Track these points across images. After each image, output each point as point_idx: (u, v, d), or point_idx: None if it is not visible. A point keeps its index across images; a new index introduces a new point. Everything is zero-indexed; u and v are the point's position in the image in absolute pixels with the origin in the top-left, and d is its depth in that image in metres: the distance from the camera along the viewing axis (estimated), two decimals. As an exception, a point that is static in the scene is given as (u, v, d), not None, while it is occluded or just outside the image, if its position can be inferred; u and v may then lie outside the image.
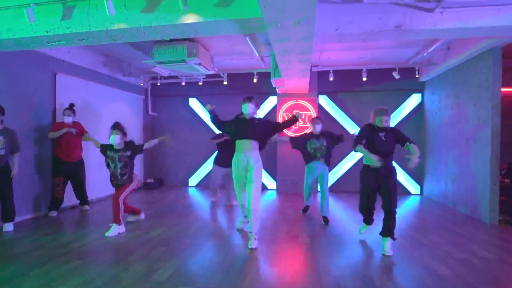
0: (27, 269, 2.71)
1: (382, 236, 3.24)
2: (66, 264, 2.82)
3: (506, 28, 3.34)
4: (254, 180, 3.35)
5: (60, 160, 4.70)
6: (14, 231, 3.81)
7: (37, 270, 2.68)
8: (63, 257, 3.00)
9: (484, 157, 4.48)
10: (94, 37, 3.43)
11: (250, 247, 3.27)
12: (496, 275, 2.70)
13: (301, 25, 2.87)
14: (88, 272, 2.65)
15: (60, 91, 4.95)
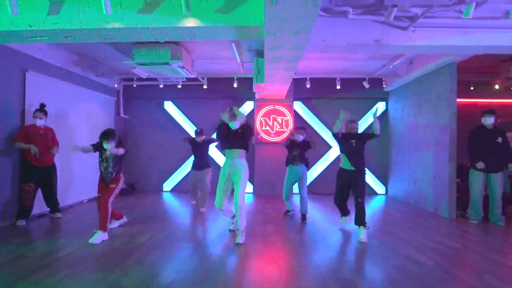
0: (12, 281, 2.50)
1: (357, 224, 3.76)
2: (55, 273, 2.65)
3: (466, 48, 3.89)
4: (241, 181, 3.60)
5: (30, 165, 4.34)
6: (-20, 243, 3.44)
7: (24, 282, 2.49)
8: (50, 266, 2.81)
9: (443, 159, 5.08)
10: (82, 35, 3.28)
11: (237, 241, 3.48)
12: (465, 261, 3.11)
13: (298, 35, 3.07)
14: (83, 280, 2.52)
15: (30, 91, 4.58)
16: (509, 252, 3.42)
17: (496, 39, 3.78)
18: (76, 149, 3.66)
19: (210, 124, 7.32)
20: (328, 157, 7.27)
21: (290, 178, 4.80)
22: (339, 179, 4.06)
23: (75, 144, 3.76)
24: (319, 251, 3.38)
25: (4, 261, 2.91)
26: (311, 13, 2.57)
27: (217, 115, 7.36)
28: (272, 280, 2.60)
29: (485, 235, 4.01)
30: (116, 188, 3.74)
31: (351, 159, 3.88)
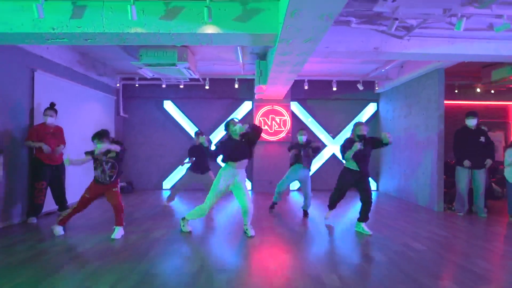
0: (43, 274, 2.64)
1: (360, 221, 4.00)
2: (87, 265, 2.81)
3: (453, 56, 4.29)
4: (245, 187, 3.78)
5: (42, 163, 4.41)
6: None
7: (58, 274, 2.64)
8: (78, 259, 2.97)
9: (431, 157, 5.51)
10: (103, 38, 3.43)
11: (250, 235, 3.73)
12: (455, 247, 3.49)
13: (308, 43, 3.34)
14: (116, 270, 2.70)
15: (38, 90, 4.64)
16: (492, 239, 3.84)
17: (480, 49, 4.20)
18: (71, 163, 3.59)
19: (209, 124, 7.53)
20: (322, 156, 7.60)
21: (292, 177, 4.98)
22: (343, 178, 4.12)
23: (70, 157, 3.60)
24: (325, 241, 3.68)
25: (28, 256, 3.02)
26: (324, 25, 2.85)
27: (217, 115, 7.60)
28: (288, 266, 2.86)
29: (470, 225, 4.44)
30: (119, 189, 3.79)
31: (357, 161, 3.95)
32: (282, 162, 7.30)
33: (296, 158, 4.90)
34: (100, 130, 3.70)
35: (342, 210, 5.26)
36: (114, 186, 3.75)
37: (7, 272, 2.63)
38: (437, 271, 2.79)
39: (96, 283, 2.45)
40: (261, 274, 2.68)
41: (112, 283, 2.45)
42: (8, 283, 2.43)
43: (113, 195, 3.71)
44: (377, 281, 2.59)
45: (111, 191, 3.71)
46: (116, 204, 3.68)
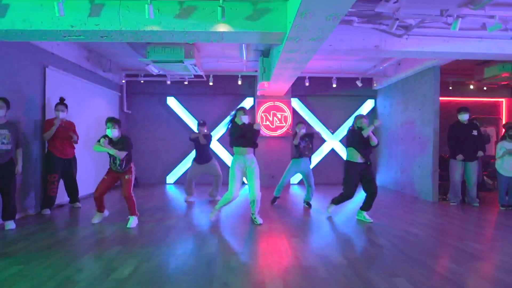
0: (71, 257, 2.82)
1: (363, 210, 4.19)
2: (109, 249, 3.00)
3: (448, 54, 4.54)
4: (255, 177, 3.98)
5: (55, 156, 4.56)
6: (18, 228, 3.68)
7: (84, 257, 2.82)
8: (100, 245, 3.16)
9: (427, 151, 5.78)
10: (119, 36, 3.59)
11: (259, 223, 3.95)
12: (450, 232, 3.75)
13: (314, 42, 3.55)
14: (139, 252, 2.89)
15: (49, 86, 4.78)
16: (483, 225, 4.12)
17: (473, 47, 4.45)
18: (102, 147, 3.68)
19: (211, 119, 7.69)
20: (322, 151, 7.85)
21: (293, 171, 5.12)
22: (352, 173, 4.09)
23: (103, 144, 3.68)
24: (329, 228, 3.91)
25: (52, 243, 3.19)
26: (331, 25, 3.05)
27: (219, 111, 7.77)
28: (297, 248, 3.09)
29: (464, 213, 4.72)
30: (132, 179, 3.92)
31: (361, 151, 4.04)
32: (284, 157, 7.52)
33: (296, 150, 5.08)
34: (109, 117, 3.86)
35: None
36: (127, 172, 3.90)
37: (35, 256, 2.80)
38: (435, 252, 3.04)
39: (122, 264, 2.64)
40: (273, 255, 2.90)
41: (137, 264, 2.64)
42: (40, 264, 2.61)
43: (125, 183, 3.87)
44: (381, 261, 2.82)
45: (124, 178, 3.89)
46: (127, 195, 3.83)
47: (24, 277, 2.37)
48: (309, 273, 2.48)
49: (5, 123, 3.63)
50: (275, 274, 2.47)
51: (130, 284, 2.26)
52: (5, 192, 3.63)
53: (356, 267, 2.62)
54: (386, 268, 2.61)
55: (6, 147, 3.59)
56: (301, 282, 2.32)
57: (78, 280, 2.33)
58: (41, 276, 2.37)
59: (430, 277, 2.44)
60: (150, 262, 2.68)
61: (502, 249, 3.18)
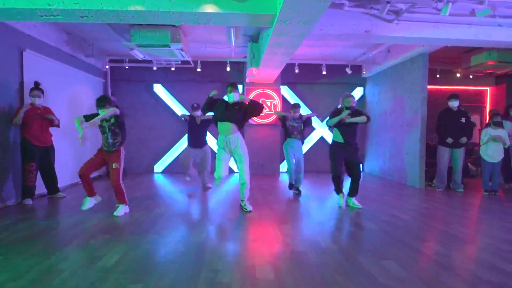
0: (54, 247, 2.73)
1: (350, 196, 4.20)
2: (95, 238, 2.90)
3: (437, 40, 4.53)
4: (243, 161, 3.88)
5: (31, 144, 4.34)
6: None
7: (68, 247, 2.73)
8: (85, 234, 3.06)
9: (415, 138, 5.85)
10: (99, 16, 3.40)
11: (248, 210, 3.87)
12: (435, 216, 3.82)
13: (305, 25, 3.45)
14: (126, 241, 2.81)
15: (27, 69, 4.52)
16: (468, 209, 4.23)
17: (461, 34, 4.46)
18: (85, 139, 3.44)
19: (200, 107, 7.54)
20: (311, 138, 7.85)
21: (289, 153, 4.98)
22: (335, 152, 4.11)
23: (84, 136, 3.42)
24: (319, 214, 3.93)
25: (34, 232, 3.07)
26: (322, 6, 2.96)
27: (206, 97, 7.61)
28: (288, 234, 3.08)
29: (449, 198, 4.83)
30: (120, 168, 3.72)
31: (343, 133, 4.06)
32: (273, 145, 7.50)
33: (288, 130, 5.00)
34: (100, 96, 3.72)
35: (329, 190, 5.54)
36: (115, 159, 3.67)
37: (16, 246, 2.69)
38: (422, 235, 3.09)
39: (108, 252, 2.56)
40: (263, 242, 2.88)
41: (123, 252, 2.57)
42: (21, 254, 2.50)
43: (113, 173, 3.69)
44: (370, 244, 2.85)
45: (112, 167, 3.68)
46: (116, 185, 3.68)
47: (4, 268, 2.26)
48: (299, 258, 2.47)
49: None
50: (266, 260, 2.45)
51: (117, 272, 2.19)
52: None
53: (345, 251, 2.63)
54: (375, 251, 2.63)
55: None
56: (292, 267, 2.31)
57: (62, 269, 2.24)
58: (22, 267, 2.27)
59: (418, 259, 2.48)
60: (137, 251, 2.61)
61: (485, 232, 3.26)
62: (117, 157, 3.71)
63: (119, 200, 3.75)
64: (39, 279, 2.10)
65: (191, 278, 2.11)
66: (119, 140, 3.70)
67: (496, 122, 5.13)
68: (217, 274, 2.18)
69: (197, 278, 2.11)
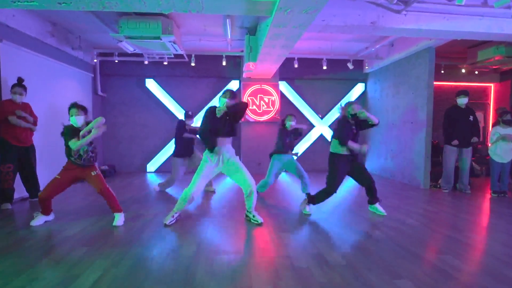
0: (28, 261, 2.42)
1: (372, 203, 3.81)
2: (73, 251, 2.61)
3: (449, 32, 4.24)
4: (241, 165, 3.40)
5: (9, 144, 4.01)
6: (-31, 226, 3.21)
7: (42, 261, 2.42)
8: (63, 245, 2.75)
9: (420, 136, 5.58)
10: (78, 2, 3.06)
11: (259, 222, 3.39)
12: (443, 221, 3.57)
13: (307, 14, 3.14)
14: (107, 255, 2.52)
15: (5, 63, 4.17)
16: (477, 213, 3.99)
17: (474, 26, 4.18)
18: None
19: (194, 103, 7.22)
20: (310, 137, 7.57)
21: (279, 168, 4.56)
22: (339, 166, 3.60)
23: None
24: (321, 221, 3.64)
25: (8, 244, 2.77)
26: (328, -8, 2.66)
27: (202, 94, 7.30)
28: (289, 245, 2.80)
29: (457, 201, 4.57)
30: (99, 173, 3.36)
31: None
32: (271, 143, 7.17)
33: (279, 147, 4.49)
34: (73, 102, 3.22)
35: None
36: (92, 169, 3.31)
37: (-18, 261, 2.39)
38: (434, 245, 2.82)
39: (86, 269, 2.26)
40: (262, 255, 2.59)
41: (104, 269, 2.27)
42: (-15, 273, 2.19)
43: (95, 179, 3.29)
44: (378, 257, 2.57)
45: (91, 175, 3.28)
46: (103, 190, 3.29)
47: (-38, 290, 1.96)
48: (302, 276, 2.19)
49: None
50: (264, 279, 2.17)
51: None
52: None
53: (354, 267, 2.35)
54: (387, 267, 2.36)
55: None
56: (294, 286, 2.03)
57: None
58: (-16, 289, 1.97)
59: (435, 277, 2.21)
60: (119, 267, 2.31)
61: (501, 240, 3.01)
62: (93, 166, 3.33)
63: (113, 208, 3.36)
64: (1, 306, 1.80)
65: None
66: (95, 153, 3.32)
67: (505, 120, 4.88)
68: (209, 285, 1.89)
69: None
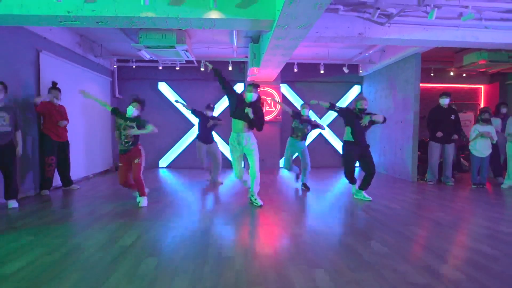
0: (77, 229, 3.06)
1: (362, 189, 4.44)
2: (113, 222, 3.24)
3: (427, 41, 4.81)
4: (254, 154, 3.99)
5: (51, 140, 4.69)
6: (20, 207, 3.86)
7: (90, 229, 3.06)
8: (102, 219, 3.38)
9: (408, 134, 6.14)
10: (114, 21, 3.71)
11: (259, 204, 3.99)
12: (424, 206, 4.13)
13: (302, 29, 3.75)
14: (141, 224, 3.14)
15: (44, 70, 4.85)
16: (454, 200, 4.54)
17: (450, 36, 4.74)
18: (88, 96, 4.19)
19: (203, 105, 7.81)
20: (310, 135, 8.13)
21: (291, 150, 5.10)
22: (348, 151, 4.38)
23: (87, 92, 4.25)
24: (316, 205, 4.23)
25: (56, 218, 3.41)
26: (317, 13, 3.26)
27: (210, 96, 7.93)
28: (289, 220, 3.40)
29: (439, 191, 5.13)
30: (141, 162, 4.00)
31: (355, 136, 4.29)
32: (273, 141, 7.81)
33: (293, 130, 5.08)
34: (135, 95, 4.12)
35: (326, 183, 5.85)
36: (136, 155, 3.95)
37: (43, 228, 3.03)
38: (408, 222, 3.39)
39: (124, 234, 2.89)
40: (264, 226, 3.20)
41: (138, 234, 2.89)
42: (49, 235, 2.84)
43: (135, 167, 3.95)
44: (360, 229, 3.16)
45: (134, 162, 3.95)
46: (136, 177, 3.94)
47: (37, 245, 2.59)
48: (296, 239, 2.79)
49: (4, 106, 3.74)
50: (266, 240, 2.77)
51: (135, 249, 2.52)
52: (6, 172, 3.78)
53: (336, 234, 2.95)
54: (363, 234, 2.95)
55: (5, 129, 3.72)
56: (289, 245, 2.63)
57: (87, 246, 2.58)
58: (52, 244, 2.61)
59: (400, 239, 2.79)
60: (150, 233, 2.94)
61: (465, 219, 3.57)
62: (138, 154, 3.99)
63: (140, 192, 4.01)
64: (69, 254, 2.43)
65: (200, 253, 2.44)
66: (131, 141, 3.96)
67: (483, 119, 5.42)
68: (222, 250, 2.50)
69: (205, 253, 2.44)
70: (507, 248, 2.59)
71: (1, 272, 2.10)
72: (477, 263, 2.31)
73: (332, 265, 2.25)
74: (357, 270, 2.17)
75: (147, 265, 2.23)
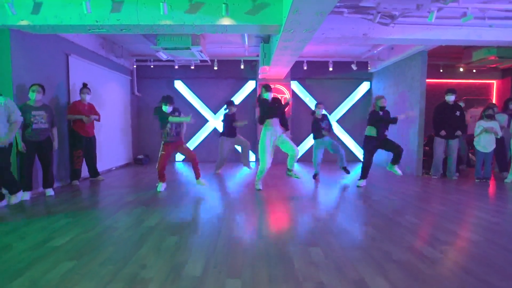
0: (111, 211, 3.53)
1: (394, 163, 5.01)
2: (140, 207, 3.69)
3: (432, 40, 4.99)
4: (289, 140, 4.66)
5: (79, 135, 5.20)
6: (56, 195, 4.37)
7: (120, 212, 3.52)
8: (130, 205, 3.84)
9: (414, 130, 6.32)
10: (136, 29, 4.12)
11: (298, 177, 4.78)
12: (426, 198, 4.37)
13: (307, 33, 4.04)
14: (161, 211, 3.57)
15: (72, 72, 5.35)
16: (453, 192, 4.76)
17: (453, 35, 4.90)
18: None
19: (216, 101, 8.25)
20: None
21: (318, 149, 5.57)
22: (369, 146, 5.02)
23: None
24: (320, 194, 4.56)
25: (89, 204, 3.92)
26: (320, 19, 3.54)
27: (223, 93, 8.32)
28: (293, 207, 3.75)
29: (441, 184, 5.33)
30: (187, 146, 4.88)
31: (378, 128, 4.91)
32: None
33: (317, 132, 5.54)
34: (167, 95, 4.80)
35: (331, 175, 6.15)
36: (183, 142, 4.78)
37: (78, 212, 3.51)
38: (403, 211, 3.67)
39: (149, 217, 3.32)
40: (270, 212, 3.56)
41: (161, 217, 3.32)
42: (85, 218, 3.31)
43: (186, 149, 4.84)
44: (355, 216, 3.47)
45: (183, 147, 4.78)
46: (193, 157, 4.73)
47: (75, 225, 3.06)
48: (297, 223, 3.14)
49: (42, 105, 4.24)
50: (270, 223, 3.14)
51: (159, 229, 2.94)
52: (45, 164, 4.30)
53: (334, 220, 3.28)
54: (359, 220, 3.26)
55: (44, 126, 4.23)
56: (291, 229, 2.99)
57: (117, 226, 3.02)
58: (88, 225, 3.07)
59: (391, 225, 3.09)
60: (171, 216, 3.37)
61: (459, 209, 3.80)
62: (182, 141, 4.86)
63: (196, 175, 4.79)
64: (103, 232, 2.88)
65: (213, 233, 2.84)
66: (180, 131, 4.80)
67: (487, 115, 5.54)
68: (232, 231, 2.89)
69: (218, 233, 2.83)
70: (490, 234, 2.85)
71: (53, 244, 2.57)
72: (457, 245, 2.59)
73: (327, 244, 2.59)
74: (348, 249, 2.50)
75: (169, 241, 2.64)
